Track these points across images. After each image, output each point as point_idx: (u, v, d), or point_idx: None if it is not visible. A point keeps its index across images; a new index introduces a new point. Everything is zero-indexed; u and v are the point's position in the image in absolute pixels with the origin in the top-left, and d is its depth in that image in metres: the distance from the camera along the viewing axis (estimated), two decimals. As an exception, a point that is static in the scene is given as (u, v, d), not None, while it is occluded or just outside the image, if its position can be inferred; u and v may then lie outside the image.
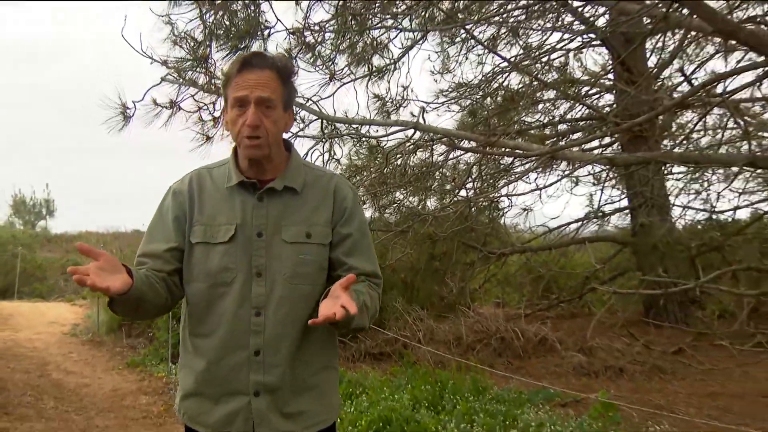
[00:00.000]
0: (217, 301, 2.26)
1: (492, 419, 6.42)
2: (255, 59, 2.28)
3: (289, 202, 2.33)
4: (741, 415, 6.91)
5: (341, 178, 2.49)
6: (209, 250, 2.28)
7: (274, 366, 2.25)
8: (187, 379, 2.35)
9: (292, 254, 2.27)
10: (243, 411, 2.25)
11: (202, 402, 2.30)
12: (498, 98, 11.75)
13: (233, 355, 2.25)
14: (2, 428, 6.79)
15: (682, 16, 8.29)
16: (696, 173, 12.18)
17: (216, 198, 2.34)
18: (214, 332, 2.27)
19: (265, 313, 2.24)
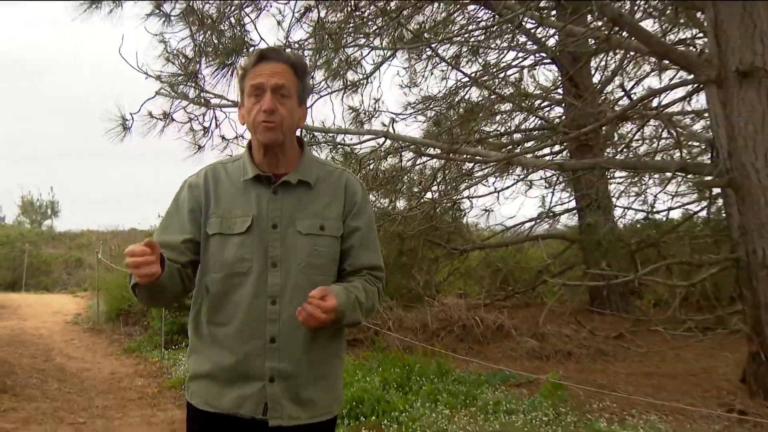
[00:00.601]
0: (234, 290, 2.15)
1: (454, 398, 6.50)
2: (271, 53, 2.21)
3: (302, 196, 2.22)
4: (672, 392, 7.03)
5: (350, 174, 2.38)
6: (225, 241, 2.17)
7: (289, 353, 2.14)
8: (200, 363, 2.23)
9: (307, 245, 2.16)
10: (255, 395, 2.13)
11: (213, 385, 2.18)
12: (460, 110, 11.82)
13: (250, 343, 2.14)
14: (11, 408, 6.78)
15: (622, 38, 8.42)
16: (635, 178, 12.32)
17: (231, 191, 2.23)
18: (230, 320, 2.16)
19: (280, 302, 2.14)
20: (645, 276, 8.16)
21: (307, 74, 2.30)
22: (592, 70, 11.88)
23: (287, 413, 2.13)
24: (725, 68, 6.31)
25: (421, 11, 9.43)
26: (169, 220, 2.26)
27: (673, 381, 7.70)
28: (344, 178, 2.31)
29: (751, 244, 6.20)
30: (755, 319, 6.25)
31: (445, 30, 10.08)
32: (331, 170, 2.32)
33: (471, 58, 11.49)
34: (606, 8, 7.46)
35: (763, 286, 6.11)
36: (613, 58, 11.34)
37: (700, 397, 6.84)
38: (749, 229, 6.22)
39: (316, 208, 2.22)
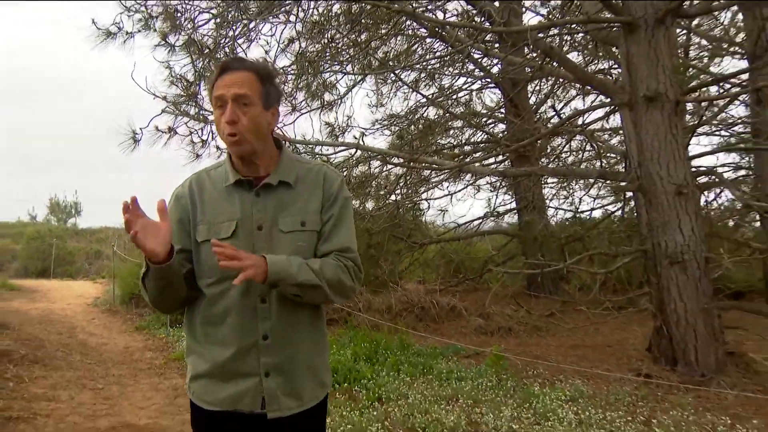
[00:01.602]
0: (225, 292, 1.93)
1: (414, 368, 6.54)
2: (233, 63, 1.97)
3: (284, 196, 2.00)
4: (593, 361, 7.15)
5: (329, 168, 2.14)
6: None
7: (281, 348, 1.94)
8: (198, 363, 2.01)
9: (290, 242, 1.94)
10: (252, 391, 1.93)
11: (211, 383, 1.97)
12: (419, 126, 11.88)
13: (245, 340, 1.93)
14: (41, 375, 6.78)
15: (553, 68, 8.55)
16: (564, 183, 12.49)
17: (216, 197, 2.01)
18: (224, 320, 1.94)
19: (269, 299, 1.92)
20: (572, 265, 8.28)
21: (271, 78, 2.03)
22: (529, 94, 11.95)
23: (284, 405, 1.95)
24: (635, 94, 6.45)
25: (386, 43, 9.48)
26: None
27: (593, 351, 7.82)
28: (323, 172, 2.09)
29: (656, 238, 6.37)
30: (659, 300, 6.41)
31: (407, 59, 10.11)
32: (311, 167, 2.10)
33: (428, 82, 11.56)
34: (539, 42, 7.58)
35: (666, 272, 6.26)
36: (545, 83, 11.53)
37: (615, 363, 6.95)
38: (655, 226, 6.39)
39: (298, 206, 2.00)
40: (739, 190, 10.67)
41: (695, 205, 6.49)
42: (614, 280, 10.76)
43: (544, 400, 5.34)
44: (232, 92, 1.90)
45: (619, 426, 4.65)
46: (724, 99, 9.95)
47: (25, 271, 22.16)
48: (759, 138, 10.22)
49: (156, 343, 8.89)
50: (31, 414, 5.32)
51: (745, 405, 5.30)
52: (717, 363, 6.11)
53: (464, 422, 4.79)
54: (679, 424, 4.68)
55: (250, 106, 1.92)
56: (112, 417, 5.37)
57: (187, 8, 7.55)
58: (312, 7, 7.95)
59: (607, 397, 5.51)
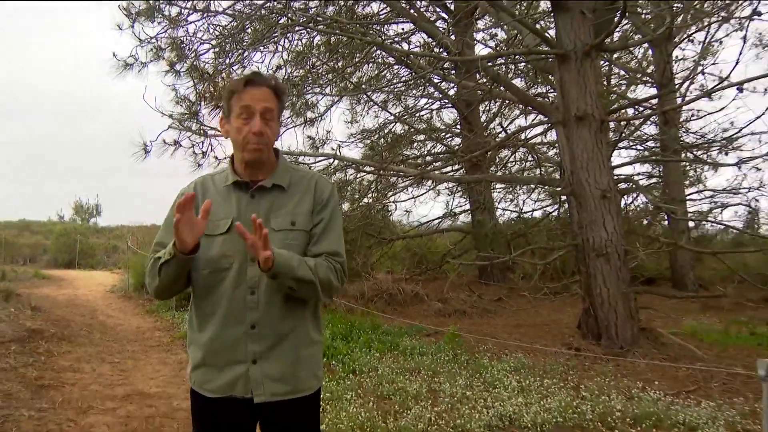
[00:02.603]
0: (218, 283, 1.82)
1: (383, 345, 6.57)
2: (258, 78, 1.85)
3: (277, 198, 1.89)
4: (533, 337, 7.27)
5: (321, 176, 2.02)
6: (210, 241, 1.82)
7: (268, 337, 1.81)
8: (196, 353, 1.89)
9: (280, 240, 1.80)
10: (243, 377, 1.81)
11: (208, 371, 1.85)
12: (388, 139, 11.93)
13: (233, 329, 1.80)
14: (68, 350, 6.81)
15: (500, 91, 8.65)
16: (510, 188, 12.66)
17: (217, 198, 1.88)
18: (216, 310, 1.82)
19: (258, 292, 1.80)
20: (516, 257, 8.39)
21: (284, 96, 1.95)
22: (480, 112, 12.05)
23: (269, 390, 1.81)
24: (568, 114, 6.55)
25: (359, 69, 9.54)
26: (167, 227, 1.88)
27: (533, 329, 7.91)
28: (315, 179, 1.97)
29: (585, 234, 6.48)
30: (587, 286, 6.51)
31: (377, 82, 10.17)
32: (304, 174, 1.98)
33: (395, 102, 11.66)
34: (489, 69, 7.70)
35: (593, 263, 6.38)
36: (494, 104, 11.67)
37: (551, 339, 7.04)
38: (584, 224, 6.49)
39: (289, 207, 1.88)
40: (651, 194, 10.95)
41: (617, 207, 6.61)
42: (551, 269, 10.91)
43: (492, 370, 5.39)
44: (262, 106, 1.81)
45: (554, 391, 4.71)
46: (639, 119, 10.21)
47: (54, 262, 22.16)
48: (666, 152, 10.50)
49: (164, 324, 8.83)
50: (59, 382, 5.37)
51: (653, 371, 5.45)
52: (632, 337, 6.24)
53: (425, 390, 4.83)
54: (602, 388, 4.78)
55: (271, 121, 1.84)
56: (127, 386, 5.41)
57: (191, 40, 7.58)
58: (296, 39, 7.96)
59: (544, 367, 5.57)
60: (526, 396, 4.59)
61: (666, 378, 5.23)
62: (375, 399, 4.62)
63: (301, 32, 7.57)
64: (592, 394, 4.60)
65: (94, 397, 4.99)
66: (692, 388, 4.95)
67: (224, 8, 7.38)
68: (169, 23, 7.36)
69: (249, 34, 7.33)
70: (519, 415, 4.10)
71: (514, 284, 11.11)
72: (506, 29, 8.89)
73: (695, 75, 9.90)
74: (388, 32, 9.79)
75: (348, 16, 7.99)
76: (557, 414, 4.10)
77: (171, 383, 5.53)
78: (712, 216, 11.67)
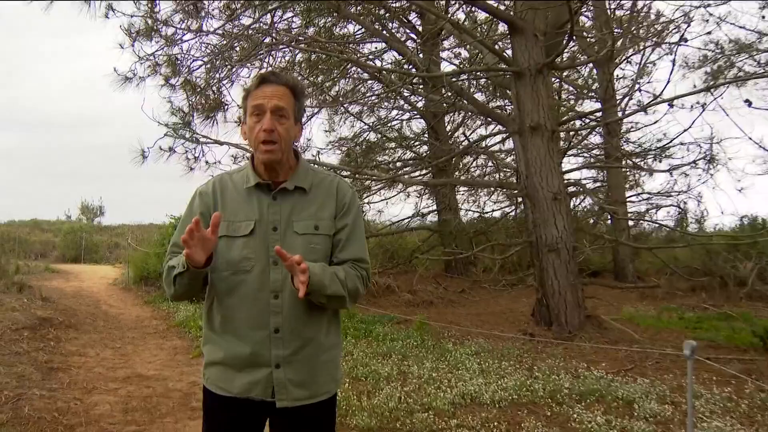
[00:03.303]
0: (239, 286, 1.64)
1: (357, 332, 6.58)
2: (272, 76, 1.67)
3: (299, 200, 1.69)
4: (492, 325, 7.31)
5: (342, 180, 1.82)
6: (231, 242, 1.65)
7: (292, 342, 1.64)
8: (214, 351, 1.70)
9: (303, 244, 1.63)
10: (264, 380, 1.63)
11: (226, 370, 1.67)
12: (362, 146, 11.91)
13: (256, 333, 1.63)
14: (74, 337, 6.83)
15: (463, 104, 8.71)
16: (472, 191, 12.74)
17: (236, 198, 1.70)
18: (238, 313, 1.65)
19: (282, 296, 1.62)
20: (477, 252, 8.51)
21: (303, 95, 1.76)
22: (446, 123, 12.07)
23: (292, 396, 1.64)
24: (523, 124, 6.63)
25: (337, 83, 9.53)
26: (184, 225, 1.66)
27: (492, 317, 7.96)
28: (336, 182, 1.77)
29: (539, 232, 6.56)
30: (540, 278, 6.60)
31: (353, 96, 10.19)
32: (324, 177, 1.79)
33: (369, 113, 11.65)
34: (453, 85, 7.77)
35: (545, 258, 6.48)
36: (458, 115, 11.73)
37: (508, 326, 7.11)
38: (537, 223, 6.58)
39: (311, 211, 1.69)
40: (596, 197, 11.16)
41: (566, 208, 6.72)
42: (509, 264, 11.00)
43: (455, 354, 5.44)
44: (273, 104, 1.62)
45: (510, 372, 4.77)
46: (585, 130, 10.40)
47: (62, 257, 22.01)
48: (609, 159, 10.72)
49: (160, 313, 8.74)
50: (67, 365, 5.41)
51: (597, 353, 5.54)
52: (579, 323, 6.35)
53: (396, 372, 4.86)
54: (552, 368, 4.87)
55: (285, 119, 1.64)
56: (127, 369, 5.43)
57: (185, 57, 7.58)
58: (280, 56, 7.94)
59: (501, 351, 5.62)
60: (485, 376, 4.63)
61: (608, 359, 5.33)
62: (350, 380, 4.63)
63: (284, 50, 7.57)
64: (544, 374, 4.67)
65: (97, 378, 5.02)
66: (630, 367, 5.06)
67: (215, 28, 7.39)
68: (165, 42, 7.34)
69: (237, 52, 7.32)
70: (479, 393, 4.15)
71: (476, 277, 11.13)
72: (469, 49, 8.99)
73: (633, 92, 10.14)
74: (363, 50, 9.85)
75: (327, 36, 8.00)
76: (513, 392, 4.17)
77: (167, 366, 5.54)
78: (648, 216, 11.95)
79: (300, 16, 8.13)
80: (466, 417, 3.70)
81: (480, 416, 3.70)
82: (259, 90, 1.64)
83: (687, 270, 10.17)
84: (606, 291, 9.54)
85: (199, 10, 7.19)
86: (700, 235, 10.67)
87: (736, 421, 3.62)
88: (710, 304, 8.47)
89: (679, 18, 8.28)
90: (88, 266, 19.62)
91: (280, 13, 7.67)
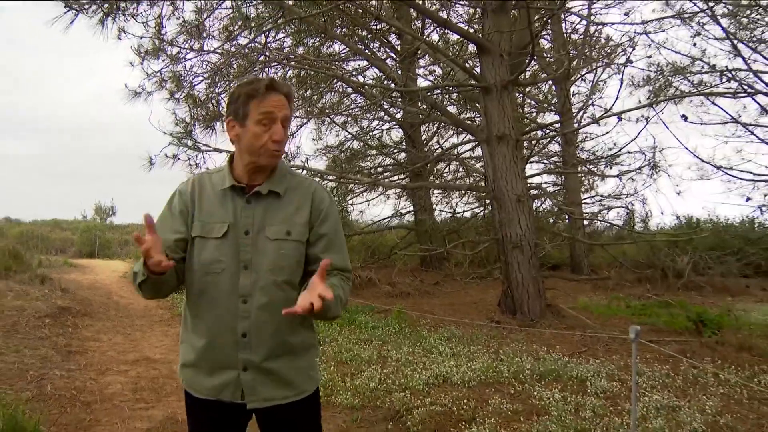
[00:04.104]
0: (209, 288, 1.48)
1: (341, 320, 6.47)
2: (278, 85, 1.49)
3: (272, 204, 1.51)
4: (463, 313, 7.31)
5: (319, 185, 1.63)
6: (204, 243, 1.49)
7: (259, 346, 1.47)
8: (186, 352, 1.56)
9: (274, 249, 1.47)
10: (232, 383, 1.48)
11: (197, 372, 1.53)
12: (347, 153, 11.92)
13: (224, 336, 1.47)
14: (89, 324, 6.87)
15: (437, 115, 8.76)
16: (445, 193, 12.79)
17: (212, 199, 1.54)
18: (207, 315, 1.50)
19: (250, 301, 1.46)
20: (450, 249, 8.55)
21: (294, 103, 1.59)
22: (422, 132, 12.10)
23: (262, 396, 1.49)
24: (491, 134, 6.67)
25: (324, 96, 9.53)
26: (163, 221, 1.55)
27: (464, 307, 7.98)
28: (313, 187, 1.58)
29: (505, 230, 6.61)
30: (506, 271, 6.65)
31: (338, 108, 10.20)
32: (301, 181, 1.60)
33: (353, 124, 11.66)
34: (428, 98, 7.82)
35: (510, 253, 6.53)
36: (432, 125, 11.79)
37: (477, 315, 7.11)
38: (503, 222, 6.63)
39: (284, 215, 1.50)
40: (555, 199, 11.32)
41: (529, 209, 6.78)
42: (478, 259, 11.01)
43: (430, 340, 5.46)
44: (283, 114, 1.47)
45: (478, 355, 4.81)
46: (546, 139, 10.53)
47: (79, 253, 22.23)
48: (566, 165, 10.88)
49: (165, 303, 8.70)
50: (83, 349, 5.49)
51: (555, 338, 5.62)
52: (540, 312, 6.42)
53: (376, 356, 4.87)
54: (516, 352, 4.92)
55: (287, 128, 1.51)
56: (137, 353, 5.49)
57: (188, 74, 7.67)
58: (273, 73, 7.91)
59: (471, 336, 5.65)
60: (456, 359, 4.66)
61: (564, 343, 5.41)
62: (335, 363, 4.64)
63: (276, 67, 7.57)
64: (508, 357, 4.72)
65: (110, 361, 5.08)
66: (583, 349, 5.14)
67: (214, 48, 7.45)
68: (170, 60, 7.40)
69: (234, 69, 7.34)
70: (451, 374, 4.19)
71: (449, 271, 11.14)
72: (442, 66, 9.06)
73: (587, 106, 10.33)
74: (347, 67, 9.85)
75: (315, 54, 8.03)
76: (481, 373, 4.20)
77: (171, 351, 5.57)
78: (600, 216, 12.17)
79: (291, 36, 8.16)
80: (438, 395, 3.73)
81: (451, 395, 3.73)
82: (267, 98, 1.46)
83: (633, 263, 10.38)
84: (564, 283, 9.68)
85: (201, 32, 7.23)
86: (644, 233, 10.88)
87: (672, 394, 3.72)
88: (653, 294, 8.64)
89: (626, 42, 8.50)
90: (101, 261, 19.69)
91: (273, 33, 7.69)
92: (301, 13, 6.05)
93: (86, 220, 31.12)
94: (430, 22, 8.98)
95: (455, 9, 9.44)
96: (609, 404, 3.55)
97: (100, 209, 32.50)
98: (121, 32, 6.58)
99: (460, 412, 3.41)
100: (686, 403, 3.52)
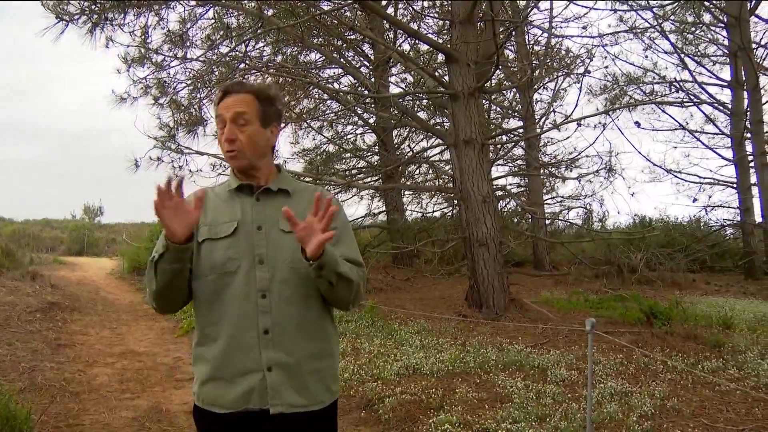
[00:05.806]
0: (225, 289, 1.35)
1: None
2: (233, 86, 1.42)
3: (284, 201, 1.41)
4: (433, 307, 7.34)
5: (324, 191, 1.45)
6: (214, 245, 1.37)
7: (283, 343, 1.34)
8: (203, 368, 1.38)
9: (292, 242, 1.32)
10: (258, 386, 1.32)
11: (217, 385, 1.35)
12: (323, 156, 11.87)
13: (245, 335, 1.33)
14: (78, 318, 6.91)
15: (408, 120, 8.81)
16: (416, 194, 12.85)
17: (218, 204, 1.44)
18: (225, 317, 1.35)
19: (269, 295, 1.34)
20: (421, 247, 8.59)
21: (270, 99, 1.44)
22: (394, 136, 12.09)
23: (287, 401, 1.33)
24: (458, 138, 6.72)
25: (301, 102, 9.47)
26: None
27: (433, 301, 8.01)
28: (319, 190, 1.42)
29: (471, 229, 6.66)
30: (473, 268, 6.70)
31: (315, 113, 10.15)
32: (306, 186, 1.54)
33: (329, 128, 11.58)
34: (399, 104, 7.86)
35: (477, 251, 6.57)
36: (404, 130, 11.83)
37: (445, 309, 7.15)
38: (470, 222, 6.68)
39: (296, 212, 1.31)
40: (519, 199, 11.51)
41: (494, 209, 6.85)
42: (446, 256, 11.05)
43: (401, 333, 5.48)
44: (231, 113, 1.37)
45: (446, 347, 4.85)
46: (510, 143, 10.71)
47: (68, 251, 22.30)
48: (529, 168, 11.08)
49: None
50: (72, 342, 5.52)
51: (518, 330, 5.71)
52: (505, 306, 6.49)
53: (350, 348, 4.88)
54: (482, 344, 4.98)
55: (247, 125, 1.38)
56: (122, 346, 5.53)
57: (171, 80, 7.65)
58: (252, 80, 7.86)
59: (439, 329, 5.69)
60: (426, 351, 4.69)
61: (527, 334, 5.49)
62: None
63: (256, 74, 7.55)
64: (475, 348, 4.77)
65: (97, 353, 5.12)
66: (545, 341, 5.22)
67: (197, 56, 7.45)
68: (155, 67, 7.37)
69: (216, 76, 7.35)
70: (421, 365, 4.22)
71: (419, 267, 11.19)
72: (413, 74, 9.11)
73: (549, 113, 10.57)
74: (324, 75, 9.83)
75: (293, 63, 8.00)
76: (449, 364, 4.24)
77: (155, 344, 5.61)
78: (561, 216, 12.44)
79: (270, 45, 8.11)
80: (409, 385, 3.75)
81: (421, 384, 3.76)
82: (222, 102, 1.41)
83: (591, 260, 10.64)
84: (527, 278, 9.82)
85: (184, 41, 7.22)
86: (602, 232, 11.14)
87: (625, 381, 3.84)
88: (609, 288, 8.84)
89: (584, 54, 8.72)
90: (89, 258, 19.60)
91: (253, 43, 7.71)
92: (280, 24, 6.00)
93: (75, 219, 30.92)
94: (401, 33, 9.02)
95: (425, 21, 9.54)
96: (567, 391, 3.62)
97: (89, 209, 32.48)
98: (108, 41, 6.55)
99: (429, 400, 3.44)
100: (638, 389, 3.63)
